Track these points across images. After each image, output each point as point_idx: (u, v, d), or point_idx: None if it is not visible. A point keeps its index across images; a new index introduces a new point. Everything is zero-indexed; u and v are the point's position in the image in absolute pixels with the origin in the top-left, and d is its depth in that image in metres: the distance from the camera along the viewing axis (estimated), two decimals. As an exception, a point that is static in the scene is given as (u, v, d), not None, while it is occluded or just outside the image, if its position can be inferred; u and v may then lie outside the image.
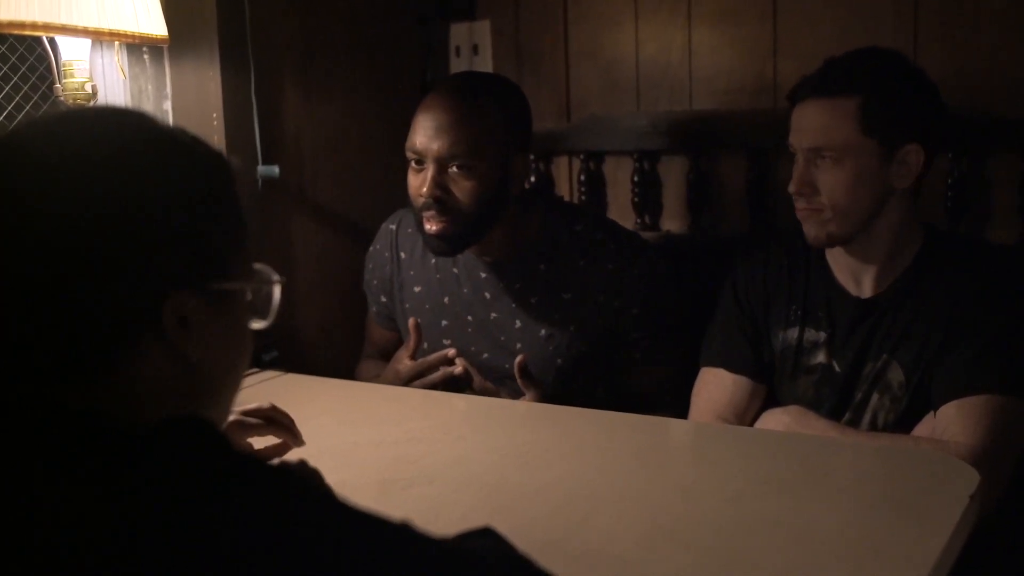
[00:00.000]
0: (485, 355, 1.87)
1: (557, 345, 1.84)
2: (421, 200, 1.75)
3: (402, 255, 1.98)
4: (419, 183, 1.76)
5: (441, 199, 1.73)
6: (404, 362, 1.80)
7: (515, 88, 1.87)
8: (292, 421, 1.44)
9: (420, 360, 1.79)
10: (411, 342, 1.81)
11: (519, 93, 1.86)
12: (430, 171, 1.74)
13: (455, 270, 1.91)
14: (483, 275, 1.88)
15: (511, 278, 1.86)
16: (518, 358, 1.67)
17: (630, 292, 1.82)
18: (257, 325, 0.87)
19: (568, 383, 1.84)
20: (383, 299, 2.03)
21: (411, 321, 1.82)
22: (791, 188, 1.63)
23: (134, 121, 0.81)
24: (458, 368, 1.76)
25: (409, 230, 1.97)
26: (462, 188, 1.73)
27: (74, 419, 0.72)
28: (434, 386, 1.77)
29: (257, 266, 0.86)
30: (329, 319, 2.27)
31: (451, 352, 1.79)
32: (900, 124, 1.59)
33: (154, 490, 0.67)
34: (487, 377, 1.85)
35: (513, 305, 1.86)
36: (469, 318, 1.89)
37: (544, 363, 1.82)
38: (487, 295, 1.88)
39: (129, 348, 0.74)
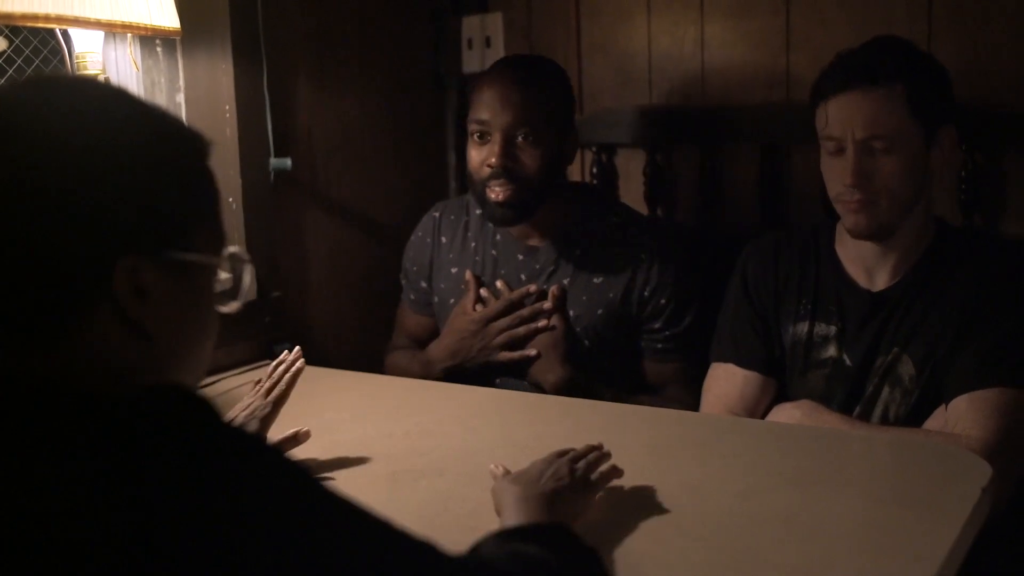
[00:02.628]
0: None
1: (584, 326, 1.89)
2: (489, 170, 1.83)
3: (443, 239, 2.05)
4: (485, 155, 1.84)
5: (509, 167, 1.82)
6: (470, 312, 1.91)
7: (561, 67, 1.98)
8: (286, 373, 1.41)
9: (503, 298, 1.90)
10: (471, 293, 1.93)
11: (564, 72, 1.97)
12: (498, 142, 1.82)
13: (494, 252, 1.98)
14: (520, 257, 1.96)
15: (546, 261, 1.94)
16: (553, 287, 1.86)
17: (660, 282, 1.88)
18: (226, 308, 0.86)
19: (593, 364, 1.89)
20: (423, 284, 2.07)
21: (467, 273, 1.95)
22: (847, 181, 1.59)
23: (104, 91, 0.81)
24: (547, 320, 1.86)
25: (452, 217, 2.06)
26: (529, 155, 1.83)
27: (39, 388, 0.72)
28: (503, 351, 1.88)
29: (230, 248, 0.85)
30: (341, 311, 2.27)
31: (532, 287, 1.90)
32: (939, 106, 1.60)
33: (145, 463, 0.67)
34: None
35: (545, 286, 1.92)
36: None
37: (573, 343, 1.88)
38: (522, 277, 1.95)
39: (82, 313, 0.73)
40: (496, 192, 1.83)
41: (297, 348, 1.45)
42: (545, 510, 1.05)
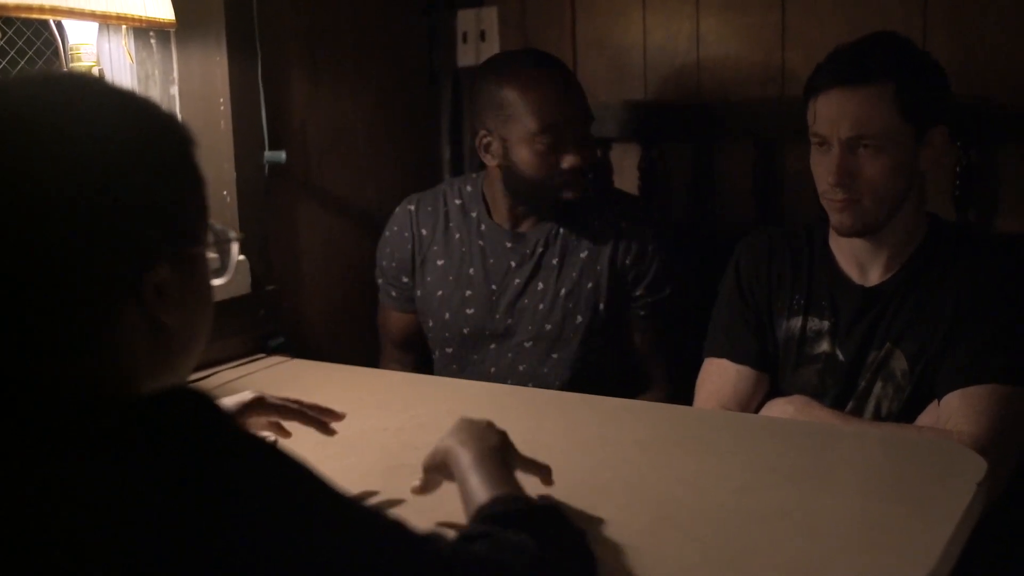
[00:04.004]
0: (509, 320, 1.98)
1: (576, 302, 1.93)
2: (581, 164, 1.89)
3: (423, 232, 2.06)
4: (579, 158, 1.89)
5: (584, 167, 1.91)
6: None
7: None
8: (321, 412, 1.37)
9: None
10: None
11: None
12: (576, 140, 1.89)
13: (481, 242, 2.01)
14: (508, 245, 1.99)
15: (533, 244, 1.97)
16: None
17: (640, 249, 1.93)
18: (217, 282, 0.88)
19: (588, 342, 1.94)
20: (404, 280, 2.08)
21: None
22: (830, 180, 1.59)
23: (96, 88, 0.82)
24: None
25: (428, 208, 2.07)
26: (592, 151, 1.96)
27: (64, 394, 0.73)
28: None
29: (218, 225, 0.88)
30: (335, 305, 2.27)
31: None
32: (930, 107, 1.60)
33: (160, 464, 0.68)
34: (508, 342, 1.95)
35: (535, 268, 1.96)
36: (493, 287, 1.98)
37: (566, 321, 1.94)
38: (512, 263, 1.98)
39: (110, 319, 0.75)
40: (572, 193, 1.90)
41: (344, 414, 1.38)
42: (503, 465, 1.06)
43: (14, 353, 0.74)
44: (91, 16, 1.55)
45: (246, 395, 1.32)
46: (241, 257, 1.95)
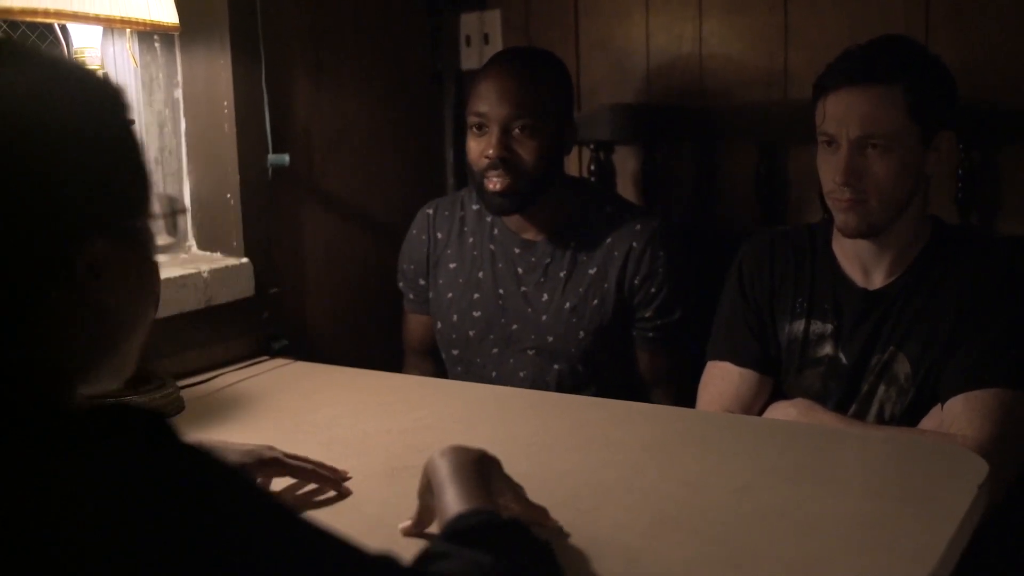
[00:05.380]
0: (514, 327, 1.98)
1: (580, 317, 1.93)
2: (486, 161, 1.86)
3: (439, 235, 2.07)
4: (483, 146, 1.87)
5: (506, 159, 1.85)
6: None
7: (560, 60, 1.99)
8: (334, 472, 1.33)
9: None
10: None
11: (564, 64, 1.99)
12: (495, 134, 1.85)
13: (492, 247, 2.01)
14: (517, 251, 1.99)
15: (543, 254, 1.97)
16: None
17: (651, 271, 1.91)
18: (163, 257, 0.83)
19: (591, 356, 1.93)
20: (420, 282, 2.10)
21: None
22: (837, 179, 1.59)
23: (21, 54, 0.75)
24: None
25: (446, 213, 2.08)
26: (526, 148, 1.86)
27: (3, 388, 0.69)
28: None
29: (157, 197, 0.83)
30: (338, 307, 2.27)
31: None
32: (939, 110, 1.60)
33: (92, 478, 0.64)
34: (513, 347, 1.96)
35: (543, 279, 1.96)
36: (501, 291, 1.99)
37: (568, 335, 1.93)
38: (520, 270, 1.98)
39: (41, 302, 0.70)
40: (494, 183, 1.86)
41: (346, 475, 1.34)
42: (478, 476, 1.02)
43: None
44: (95, 20, 1.56)
45: (264, 452, 1.27)
46: (244, 260, 1.95)
